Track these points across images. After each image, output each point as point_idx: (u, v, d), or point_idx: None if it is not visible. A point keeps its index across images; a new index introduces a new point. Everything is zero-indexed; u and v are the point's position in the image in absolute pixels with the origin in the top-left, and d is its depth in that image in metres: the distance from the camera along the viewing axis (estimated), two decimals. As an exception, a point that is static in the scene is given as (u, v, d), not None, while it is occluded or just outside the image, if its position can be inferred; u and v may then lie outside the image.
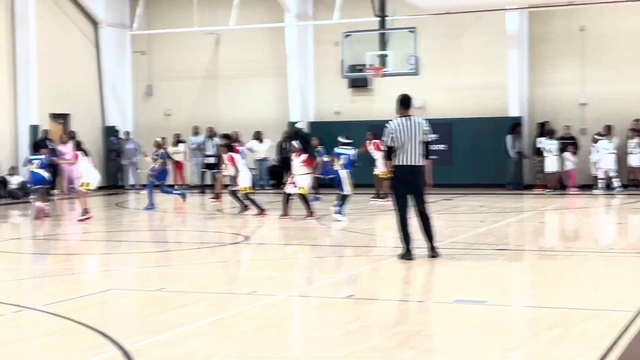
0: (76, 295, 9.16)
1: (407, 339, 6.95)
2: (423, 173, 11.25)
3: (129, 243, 15.05)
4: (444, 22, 25.95)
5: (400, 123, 11.16)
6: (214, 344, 6.85)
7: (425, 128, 11.18)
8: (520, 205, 20.62)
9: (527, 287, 9.87)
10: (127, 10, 29.94)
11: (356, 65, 23.38)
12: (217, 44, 29.25)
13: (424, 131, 11.17)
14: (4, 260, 12.61)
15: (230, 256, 12.75)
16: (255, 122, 28.09)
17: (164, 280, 10.25)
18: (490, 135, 25.69)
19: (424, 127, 11.18)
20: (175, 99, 29.69)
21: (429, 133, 11.24)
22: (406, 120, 11.17)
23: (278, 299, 8.76)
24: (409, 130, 11.10)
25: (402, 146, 11.08)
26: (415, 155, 11.12)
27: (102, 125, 29.25)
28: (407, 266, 10.81)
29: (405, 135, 11.08)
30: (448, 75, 26.72)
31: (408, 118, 11.21)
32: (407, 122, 11.15)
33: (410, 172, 11.14)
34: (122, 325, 7.76)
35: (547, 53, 26.09)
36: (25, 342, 7.26)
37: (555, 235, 15.48)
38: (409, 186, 11.19)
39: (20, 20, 25.83)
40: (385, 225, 16.28)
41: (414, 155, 11.11)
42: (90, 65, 28.95)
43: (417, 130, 11.12)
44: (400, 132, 11.10)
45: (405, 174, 11.15)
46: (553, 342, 6.73)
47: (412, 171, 11.15)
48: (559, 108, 25.84)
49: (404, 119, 11.18)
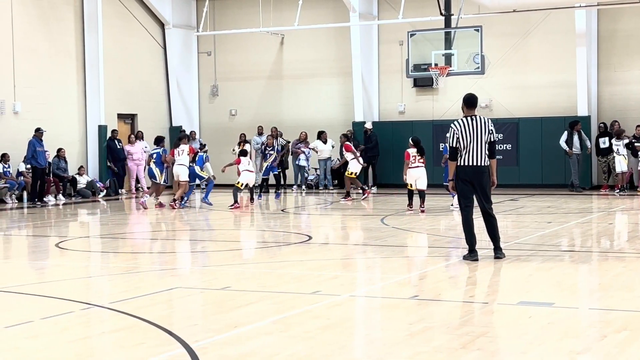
0: (142, 293, 9.28)
1: (471, 340, 6.89)
2: (488, 173, 11.15)
3: (193, 242, 15.20)
4: (511, 21, 25.68)
5: (465, 123, 11.09)
6: (278, 343, 6.87)
7: (490, 127, 11.08)
8: (588, 206, 20.29)
9: (594, 289, 9.70)
10: (193, 12, 30.30)
11: (421, 65, 23.26)
12: (281, 44, 29.39)
13: (490, 131, 11.07)
14: (72, 258, 12.85)
15: (294, 255, 12.79)
16: (319, 122, 28.16)
17: (228, 279, 10.32)
18: (557, 134, 25.31)
19: (490, 127, 11.09)
20: (240, 99, 29.91)
21: (494, 132, 11.14)
22: (471, 120, 11.09)
23: (342, 299, 8.76)
24: (474, 130, 11.03)
25: (467, 146, 11.02)
26: (481, 155, 11.04)
27: (169, 126, 29.62)
28: (471, 267, 10.72)
29: (471, 135, 11.02)
30: (514, 74, 26.44)
31: (473, 117, 11.12)
32: (472, 121, 11.07)
33: (476, 173, 11.06)
34: (187, 324, 7.84)
35: (616, 51, 25.64)
36: (94, 339, 7.39)
37: (624, 237, 15.20)
38: (474, 186, 11.12)
39: (88, 22, 26.30)
40: (449, 225, 16.17)
41: (479, 155, 11.03)
42: (157, 65, 29.34)
43: (482, 129, 11.04)
44: (465, 132, 11.05)
45: (470, 175, 11.08)
46: (620, 346, 6.61)
47: (477, 171, 11.06)
48: (628, 107, 25.38)
49: (469, 119, 11.11)
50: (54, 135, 24.85)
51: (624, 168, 23.90)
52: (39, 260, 12.77)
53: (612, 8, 25.03)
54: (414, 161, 18.65)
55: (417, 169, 18.67)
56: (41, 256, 13.26)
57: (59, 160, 24.78)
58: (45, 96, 25.20)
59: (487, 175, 11.16)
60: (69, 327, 7.69)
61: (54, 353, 6.76)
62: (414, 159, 18.65)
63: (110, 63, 26.83)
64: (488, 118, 11.35)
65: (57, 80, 25.63)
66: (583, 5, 24.46)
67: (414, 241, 14.12)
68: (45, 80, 25.23)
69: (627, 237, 14.90)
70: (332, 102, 28.74)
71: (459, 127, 11.07)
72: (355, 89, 27.67)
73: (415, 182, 18.67)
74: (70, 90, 26.10)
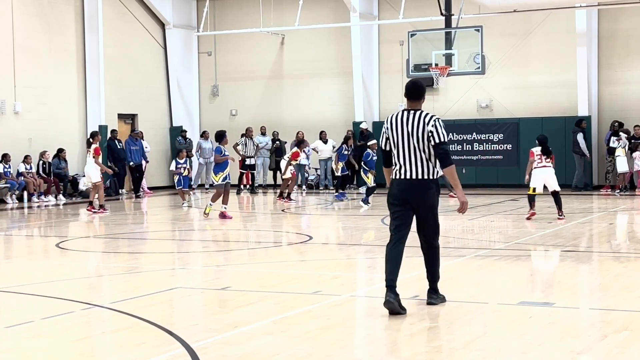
0: (143, 293, 9.28)
1: (471, 340, 6.90)
2: (436, 189, 8.12)
3: (194, 242, 15.21)
4: (511, 21, 25.69)
5: (396, 119, 8.12)
6: (279, 343, 6.88)
7: (430, 127, 7.93)
8: (589, 206, 20.29)
9: (595, 289, 9.70)
10: (194, 12, 30.31)
11: (421, 65, 23.27)
12: (282, 44, 29.40)
13: (428, 132, 7.93)
14: (72, 258, 12.85)
15: (295, 255, 12.80)
16: (319, 122, 28.16)
17: (229, 279, 10.32)
18: (558, 134, 25.31)
19: (429, 125, 7.94)
20: (241, 99, 29.92)
21: (439, 132, 7.96)
22: (402, 115, 8.09)
23: (342, 299, 8.77)
24: (404, 128, 8.02)
25: (398, 151, 8.10)
26: (416, 164, 8.00)
27: (169, 126, 29.62)
28: (472, 267, 10.72)
29: (401, 135, 8.04)
30: (515, 74, 26.45)
31: (410, 112, 8.09)
32: (404, 117, 8.06)
33: (410, 189, 8.04)
34: (188, 323, 7.85)
35: (616, 51, 25.65)
36: (94, 339, 7.40)
37: (625, 237, 15.20)
38: (411, 207, 8.10)
39: (89, 22, 26.31)
40: (449, 225, 16.17)
41: (414, 164, 8.01)
42: (158, 66, 29.35)
43: (415, 128, 7.96)
44: (395, 131, 8.09)
45: (398, 191, 8.11)
46: (621, 346, 6.62)
47: (411, 187, 8.04)
48: (628, 107, 25.39)
49: (404, 113, 8.10)
50: (54, 135, 24.85)
51: (625, 168, 23.89)
52: (39, 260, 12.77)
53: (613, 8, 25.03)
54: (540, 161, 16.87)
55: (543, 169, 16.92)
56: (42, 256, 13.27)
57: (59, 161, 24.79)
58: (46, 96, 25.21)
59: (434, 193, 8.11)
60: (69, 327, 7.69)
61: (55, 353, 6.76)
62: (539, 158, 16.87)
63: (111, 63, 26.84)
64: (432, 115, 8.09)
65: (57, 81, 25.64)
66: (583, 5, 24.47)
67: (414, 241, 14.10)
68: (46, 80, 25.24)
69: (628, 238, 14.90)
70: (333, 102, 28.75)
71: (387, 123, 8.18)
72: (355, 89, 27.68)
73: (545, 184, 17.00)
74: (70, 91, 26.10)
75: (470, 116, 26.99)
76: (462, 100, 27.02)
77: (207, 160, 28.23)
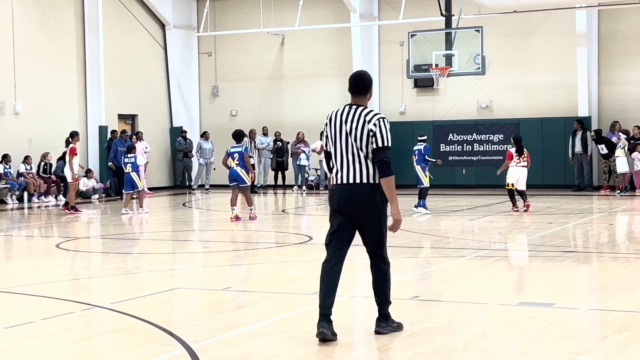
0: (143, 294, 9.29)
1: (471, 340, 6.90)
2: (370, 196, 6.90)
3: (195, 242, 15.21)
4: (511, 21, 25.69)
5: (335, 115, 7.10)
6: (279, 344, 6.88)
7: (371, 126, 6.87)
8: (589, 207, 20.29)
9: (595, 289, 9.70)
10: (194, 12, 30.32)
11: (421, 65, 23.28)
12: (282, 45, 29.40)
13: (369, 130, 6.87)
14: (72, 259, 12.85)
15: (295, 256, 12.79)
16: (320, 122, 28.12)
17: (229, 280, 10.32)
18: (558, 135, 25.34)
19: (370, 124, 6.89)
20: (241, 100, 29.93)
21: (382, 133, 6.88)
22: (341, 112, 7.08)
23: (342, 300, 8.77)
24: (342, 125, 6.97)
25: (335, 152, 7.03)
26: (354, 168, 6.90)
27: (170, 126, 29.62)
28: (472, 268, 10.72)
29: (339, 134, 6.99)
30: (515, 75, 26.45)
31: (351, 107, 7.08)
32: (345, 113, 7.04)
33: (349, 196, 6.94)
34: (188, 324, 7.85)
35: (616, 52, 25.65)
36: (94, 339, 7.40)
37: (625, 238, 15.20)
38: (351, 217, 6.99)
39: (89, 23, 26.32)
40: (449, 225, 16.17)
41: (352, 168, 6.92)
42: (158, 66, 29.36)
43: (353, 126, 6.92)
44: (331, 128, 7.06)
45: (337, 200, 7.03)
46: (621, 346, 6.62)
47: (350, 194, 6.93)
48: (629, 107, 25.39)
49: (345, 108, 7.11)
50: (54, 135, 24.85)
51: (625, 169, 23.89)
52: (39, 261, 12.78)
53: (613, 8, 25.03)
54: (519, 161, 18.46)
55: (517, 168, 18.51)
56: (42, 257, 13.27)
57: (64, 163, 24.74)
58: (46, 96, 25.22)
59: (377, 201, 6.92)
60: (69, 327, 7.70)
61: (55, 353, 6.77)
62: (517, 158, 18.45)
63: (111, 63, 26.84)
64: (377, 113, 7.08)
65: (57, 81, 25.64)
66: (584, 5, 24.48)
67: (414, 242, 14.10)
68: (46, 81, 25.24)
69: (628, 238, 14.90)
70: (333, 102, 28.66)
71: (327, 120, 7.17)
72: (355, 90, 27.61)
73: (517, 182, 18.49)
74: (70, 91, 26.11)
75: (471, 117, 26.99)
76: (462, 100, 27.02)
77: (207, 160, 28.25)
